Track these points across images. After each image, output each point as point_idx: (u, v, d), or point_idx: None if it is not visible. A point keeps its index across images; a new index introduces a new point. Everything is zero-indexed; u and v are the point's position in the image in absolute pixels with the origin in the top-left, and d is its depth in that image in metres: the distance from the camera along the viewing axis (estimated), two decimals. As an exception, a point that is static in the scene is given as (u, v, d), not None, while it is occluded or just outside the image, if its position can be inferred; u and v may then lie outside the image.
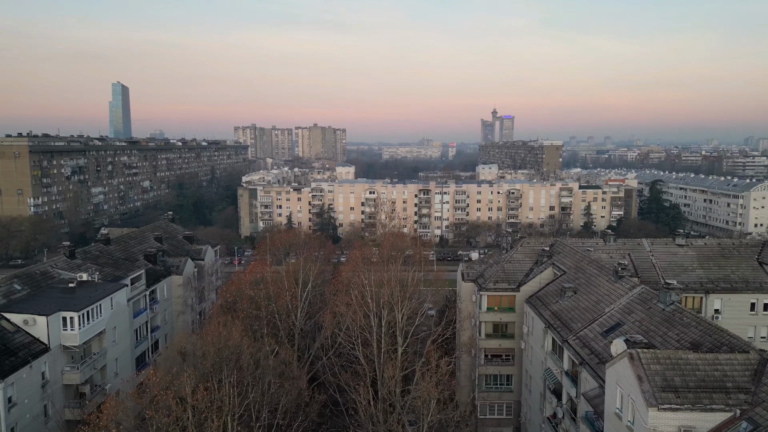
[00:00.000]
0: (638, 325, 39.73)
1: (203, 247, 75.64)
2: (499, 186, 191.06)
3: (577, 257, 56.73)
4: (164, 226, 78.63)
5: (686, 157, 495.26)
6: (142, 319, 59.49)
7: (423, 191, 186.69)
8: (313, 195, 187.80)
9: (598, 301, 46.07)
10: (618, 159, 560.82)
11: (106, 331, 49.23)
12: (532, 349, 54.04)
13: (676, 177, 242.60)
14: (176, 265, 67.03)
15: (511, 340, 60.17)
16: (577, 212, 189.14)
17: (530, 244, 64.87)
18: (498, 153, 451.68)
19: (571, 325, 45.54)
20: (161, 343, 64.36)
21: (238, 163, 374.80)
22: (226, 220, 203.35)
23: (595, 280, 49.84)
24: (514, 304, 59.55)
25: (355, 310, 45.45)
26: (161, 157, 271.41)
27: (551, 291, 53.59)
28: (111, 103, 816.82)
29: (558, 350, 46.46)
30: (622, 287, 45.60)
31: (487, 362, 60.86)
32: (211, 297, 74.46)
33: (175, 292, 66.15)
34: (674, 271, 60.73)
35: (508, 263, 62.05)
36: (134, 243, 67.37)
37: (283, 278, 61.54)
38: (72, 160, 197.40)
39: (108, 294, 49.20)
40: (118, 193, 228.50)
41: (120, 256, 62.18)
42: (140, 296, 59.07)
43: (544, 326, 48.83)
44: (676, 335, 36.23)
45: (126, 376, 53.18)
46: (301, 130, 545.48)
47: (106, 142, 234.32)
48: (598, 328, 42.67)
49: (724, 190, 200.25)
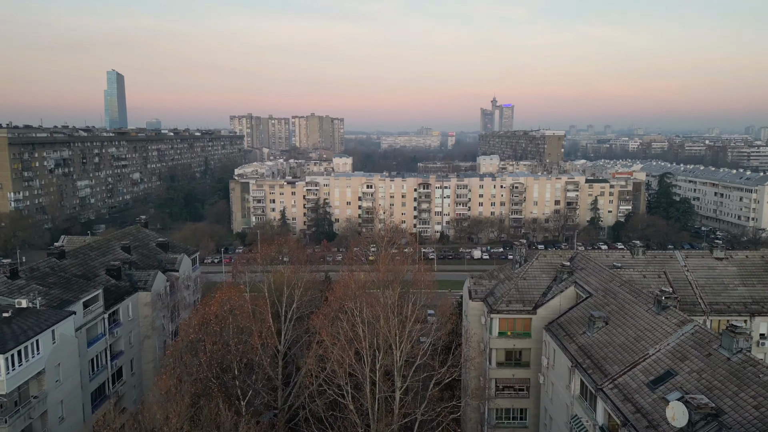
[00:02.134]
0: (696, 377, 31.73)
1: (178, 256, 67.38)
2: (502, 179, 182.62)
3: (605, 276, 48.65)
4: (134, 232, 70.31)
5: (689, 146, 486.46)
6: (100, 346, 51.43)
7: (423, 185, 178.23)
8: (307, 189, 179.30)
9: (638, 338, 38.02)
10: (619, 149, 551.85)
11: (46, 371, 41.20)
12: (553, 387, 46.10)
13: (685, 169, 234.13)
14: (144, 280, 58.85)
15: (527, 370, 52.23)
16: (584, 207, 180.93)
17: (547, 257, 56.65)
18: (498, 143, 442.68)
19: (606, 367, 37.51)
20: (125, 370, 56.37)
21: (233, 153, 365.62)
22: (218, 214, 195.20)
23: (631, 308, 41.77)
24: (529, 328, 51.57)
25: (344, 347, 37.40)
26: (152, 148, 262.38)
27: (576, 318, 45.54)
28: (106, 92, 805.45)
29: (589, 397, 38.50)
30: (668, 322, 37.54)
31: (498, 394, 52.96)
32: (187, 313, 66.34)
33: (142, 312, 58.05)
34: (713, 290, 52.86)
35: (522, 280, 53.95)
36: (95, 255, 59.10)
37: (263, 297, 53.78)
38: (55, 153, 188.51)
39: (48, 326, 41.08)
40: (105, 187, 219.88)
41: (75, 272, 53.94)
42: (97, 320, 50.97)
43: (571, 364, 40.82)
44: (753, 398, 28.22)
45: (76, 418, 45.30)
46: (298, 120, 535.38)
47: (93, 133, 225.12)
48: (643, 376, 34.65)
49: (736, 184, 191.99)
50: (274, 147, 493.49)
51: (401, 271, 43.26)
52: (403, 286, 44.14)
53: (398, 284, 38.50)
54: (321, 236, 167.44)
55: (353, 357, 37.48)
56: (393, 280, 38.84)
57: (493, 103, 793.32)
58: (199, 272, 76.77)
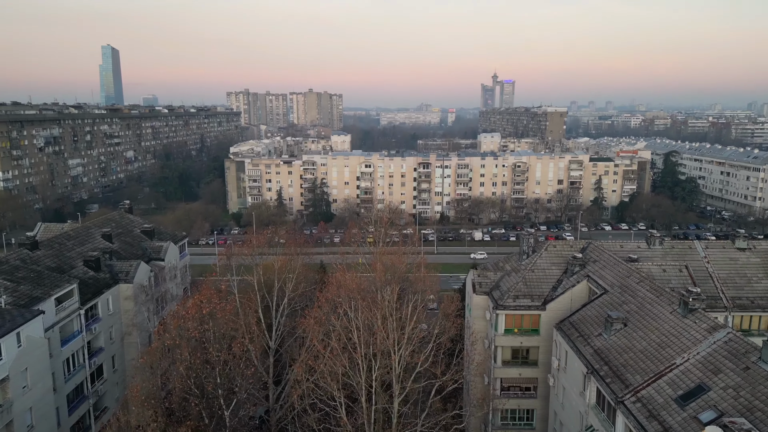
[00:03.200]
0: (733, 395, 28.09)
1: (164, 244, 63.47)
2: (504, 158, 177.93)
3: (621, 270, 44.82)
4: (117, 218, 66.21)
5: (693, 123, 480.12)
6: (76, 344, 47.84)
7: (423, 164, 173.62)
8: (304, 168, 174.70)
9: (663, 345, 34.33)
10: (621, 125, 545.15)
11: (10, 378, 37.58)
12: (564, 391, 42.62)
13: (690, 147, 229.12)
14: (125, 271, 55.02)
15: (534, 369, 48.79)
16: (587, 186, 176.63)
17: (556, 248, 52.75)
18: (499, 119, 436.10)
19: (626, 376, 33.89)
20: (106, 367, 52.92)
21: (229, 130, 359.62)
22: (213, 194, 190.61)
23: (653, 309, 38.02)
24: (538, 325, 48.00)
25: (338, 354, 33.74)
26: (146, 125, 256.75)
27: (590, 317, 41.84)
28: (101, 67, 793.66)
29: (606, 408, 34.95)
30: (697, 327, 33.81)
31: (503, 393, 49.58)
32: (173, 305, 62.68)
33: (124, 305, 54.36)
34: (736, 283, 49.15)
35: (530, 272, 50.15)
36: (72, 245, 55.16)
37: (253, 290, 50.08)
38: (45, 130, 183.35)
39: (12, 329, 37.36)
40: (98, 165, 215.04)
41: (50, 264, 50.08)
42: (73, 316, 47.29)
43: (586, 371, 37.21)
44: (803, 425, 24.61)
45: (49, 425, 41.89)
46: (296, 96, 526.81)
47: (84, 110, 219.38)
48: (669, 389, 31.03)
49: (743, 162, 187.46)
50: (271, 124, 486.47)
51: (400, 266, 39.33)
52: (404, 278, 40.43)
53: (397, 284, 34.62)
54: (318, 217, 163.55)
55: (347, 364, 33.81)
56: (391, 279, 34.92)
57: (493, 79, 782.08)
58: (188, 259, 72.87)
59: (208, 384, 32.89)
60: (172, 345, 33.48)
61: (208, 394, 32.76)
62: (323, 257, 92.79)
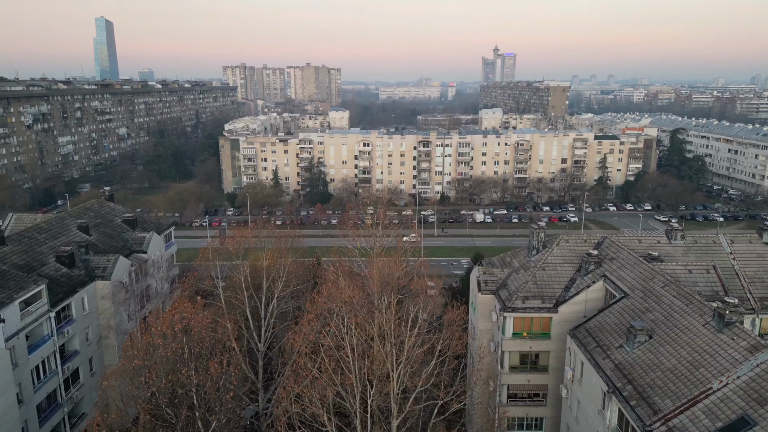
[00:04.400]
0: (786, 433, 24.22)
1: (146, 234, 59.23)
2: (506, 136, 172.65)
3: (642, 272, 40.70)
4: (96, 207, 61.81)
5: (697, 98, 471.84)
6: (47, 350, 43.97)
7: (423, 143, 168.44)
8: (301, 147, 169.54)
9: (695, 364, 30.39)
10: (624, 100, 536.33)
11: (-36, 397, 33.75)
12: (579, 405, 38.87)
13: (696, 124, 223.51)
14: (102, 267, 50.89)
15: (544, 375, 45.11)
16: (591, 165, 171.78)
17: (569, 243, 48.56)
18: (500, 94, 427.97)
19: (654, 400, 30.03)
20: (83, 370, 49.14)
21: (225, 106, 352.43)
22: (208, 173, 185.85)
23: (682, 320, 34.00)
24: (549, 328, 44.16)
25: (331, 378, 29.81)
26: (139, 101, 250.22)
27: (609, 324, 37.87)
28: (95, 40, 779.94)
29: (630, 433, 31.18)
30: (735, 345, 29.82)
31: (510, 401, 46.01)
32: (158, 302, 58.76)
33: (101, 305, 50.37)
34: (764, 282, 45.13)
35: (541, 270, 46.12)
36: (44, 238, 50.91)
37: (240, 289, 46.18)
38: (33, 107, 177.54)
39: (-36, 343, 33.36)
40: (89, 143, 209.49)
41: (17, 261, 45.93)
42: (42, 320, 43.31)
43: (607, 389, 33.34)
44: None
45: (14, 442, 38.15)
46: (294, 70, 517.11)
47: (73, 85, 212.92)
48: (707, 420, 27.16)
49: (752, 140, 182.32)
50: (268, 99, 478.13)
51: (398, 268, 35.18)
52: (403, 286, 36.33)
53: (395, 295, 30.53)
54: (315, 198, 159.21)
55: (340, 387, 29.90)
56: (388, 288, 30.80)
57: (494, 52, 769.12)
58: (175, 249, 68.76)
59: (181, 409, 29.05)
60: (139, 366, 29.51)
61: (181, 418, 28.89)
62: (319, 242, 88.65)
